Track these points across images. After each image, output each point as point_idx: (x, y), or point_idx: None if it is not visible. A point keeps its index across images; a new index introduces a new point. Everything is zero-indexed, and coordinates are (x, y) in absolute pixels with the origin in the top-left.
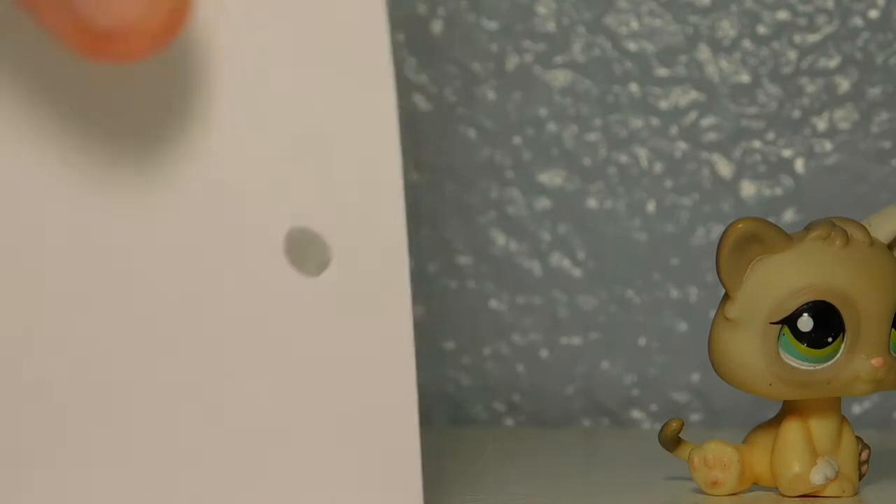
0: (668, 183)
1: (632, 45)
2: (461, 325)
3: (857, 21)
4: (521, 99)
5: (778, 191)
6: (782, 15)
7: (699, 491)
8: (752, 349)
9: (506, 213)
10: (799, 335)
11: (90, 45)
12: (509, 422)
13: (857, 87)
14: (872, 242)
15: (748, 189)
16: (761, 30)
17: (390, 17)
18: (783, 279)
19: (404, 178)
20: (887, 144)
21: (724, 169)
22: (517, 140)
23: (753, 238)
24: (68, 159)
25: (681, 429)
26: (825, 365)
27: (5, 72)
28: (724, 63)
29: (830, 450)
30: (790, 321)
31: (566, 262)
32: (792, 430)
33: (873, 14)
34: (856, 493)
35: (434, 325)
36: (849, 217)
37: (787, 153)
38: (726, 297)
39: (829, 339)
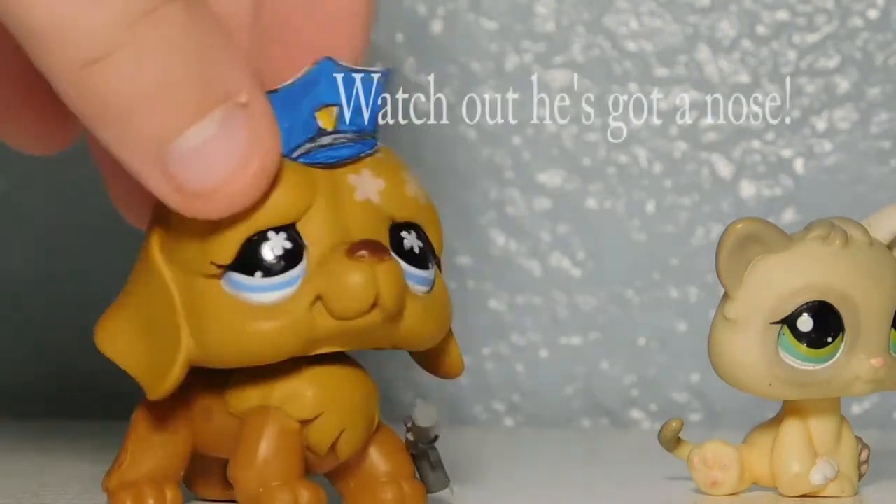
0: (668, 183)
1: (631, 46)
2: (461, 325)
3: (857, 21)
4: (521, 99)
5: (777, 191)
6: (782, 15)
7: (699, 491)
8: (751, 349)
9: (505, 213)
10: (798, 335)
11: (182, 202)
12: (509, 422)
13: (857, 87)
14: (872, 242)
15: (748, 189)
16: (761, 30)
17: (390, 17)
18: (783, 279)
19: None
20: (886, 144)
21: (724, 169)
22: (517, 140)
23: (753, 238)
24: None
25: (680, 429)
26: (825, 365)
27: None
28: (723, 63)
29: (830, 450)
30: (790, 321)
31: (566, 262)
32: (792, 431)
33: (873, 14)
34: (855, 493)
35: None
36: (848, 217)
37: (786, 153)
38: (726, 297)
39: (829, 339)
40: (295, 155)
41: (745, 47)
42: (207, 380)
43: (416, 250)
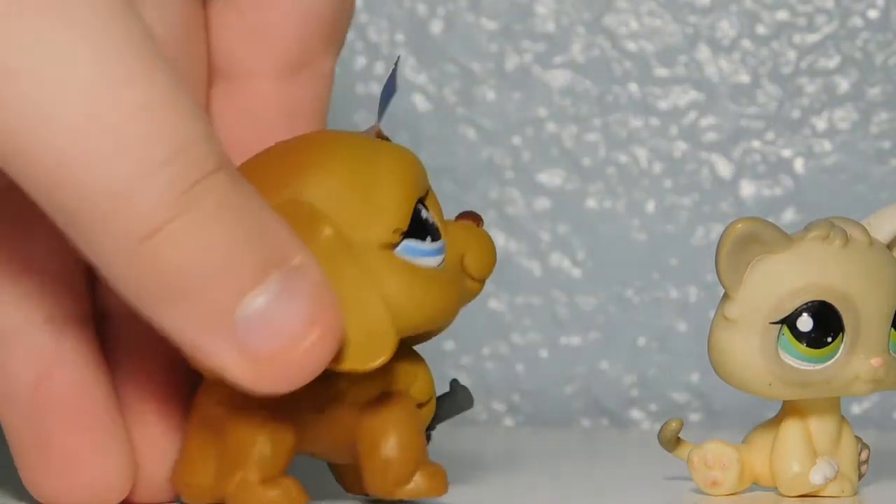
0: (668, 183)
1: (631, 45)
2: (461, 325)
3: (857, 21)
4: (521, 99)
5: (777, 191)
6: (782, 15)
7: (699, 491)
8: (751, 349)
9: (505, 213)
10: (798, 335)
11: (254, 371)
12: (509, 422)
13: (857, 87)
14: (872, 242)
15: (747, 189)
16: (761, 30)
17: (390, 17)
18: (783, 279)
19: None
20: (887, 144)
21: (724, 169)
22: (517, 140)
23: (753, 238)
24: None
25: (680, 429)
26: (824, 365)
27: None
28: (723, 63)
29: (830, 450)
30: (789, 321)
31: (566, 262)
32: (791, 431)
33: (873, 14)
34: (855, 493)
35: None
36: (849, 217)
37: (786, 153)
38: (726, 297)
39: (829, 339)
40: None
41: (745, 47)
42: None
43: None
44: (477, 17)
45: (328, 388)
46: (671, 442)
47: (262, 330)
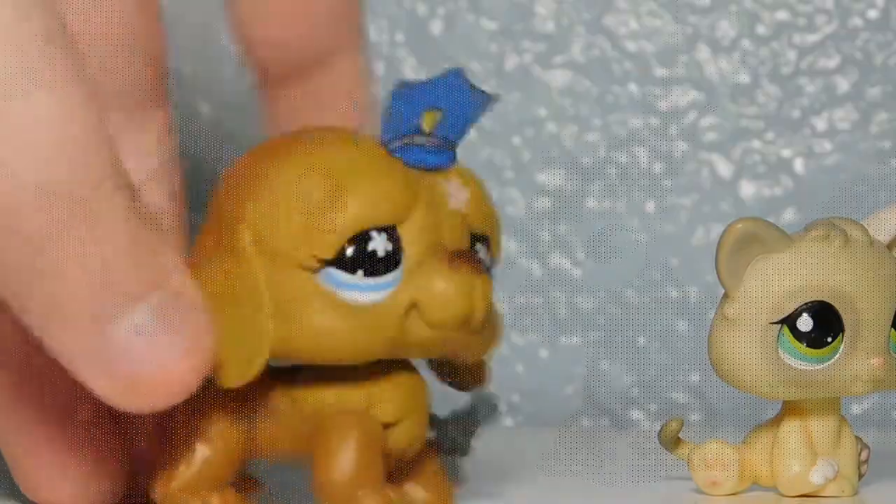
0: (668, 183)
1: (631, 46)
2: None
3: (857, 21)
4: (521, 99)
5: (777, 191)
6: (782, 15)
7: (699, 491)
8: (751, 349)
9: (505, 213)
10: (798, 335)
11: (116, 389)
12: (509, 422)
13: (857, 88)
14: (872, 242)
15: (747, 189)
16: (761, 30)
17: (390, 17)
18: (783, 279)
19: None
20: (886, 144)
21: (724, 169)
22: (516, 140)
23: (753, 238)
24: None
25: (680, 428)
26: (824, 365)
27: None
28: (723, 63)
29: (830, 450)
30: (789, 321)
31: (566, 262)
32: (791, 431)
33: (873, 14)
34: (855, 493)
35: None
36: (849, 217)
37: (786, 153)
38: (726, 296)
39: (829, 339)
40: (392, 146)
41: (745, 47)
42: (274, 378)
43: (487, 263)
44: (477, 17)
45: (283, 394)
46: (671, 442)
47: (131, 353)
